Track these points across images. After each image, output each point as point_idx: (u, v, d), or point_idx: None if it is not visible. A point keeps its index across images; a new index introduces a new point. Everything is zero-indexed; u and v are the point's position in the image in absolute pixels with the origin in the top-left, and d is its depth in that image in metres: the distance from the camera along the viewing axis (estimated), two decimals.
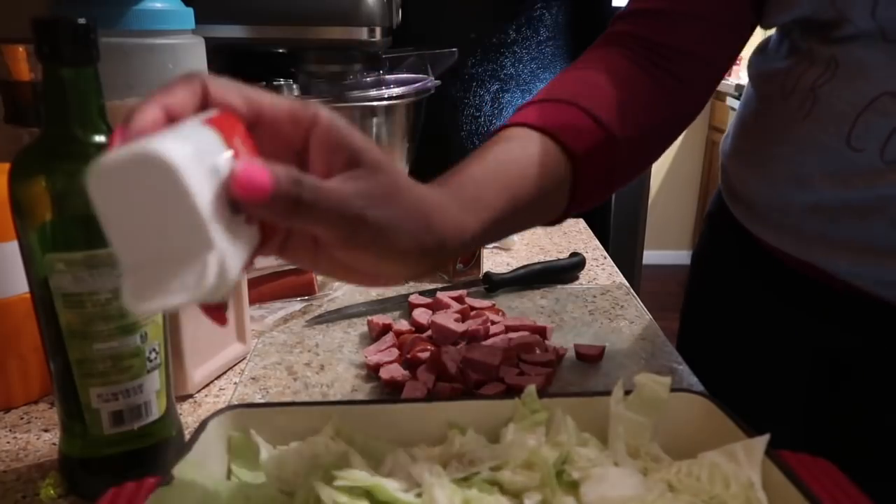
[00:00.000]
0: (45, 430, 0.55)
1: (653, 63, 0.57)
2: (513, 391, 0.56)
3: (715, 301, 0.75)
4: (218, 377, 0.64)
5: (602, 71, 0.55)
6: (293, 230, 0.37)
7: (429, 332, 0.69)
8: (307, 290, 0.80)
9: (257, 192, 0.30)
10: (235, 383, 0.63)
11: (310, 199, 0.32)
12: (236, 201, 0.31)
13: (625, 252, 1.42)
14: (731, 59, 0.60)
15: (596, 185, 0.53)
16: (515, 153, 0.48)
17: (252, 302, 0.71)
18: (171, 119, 0.32)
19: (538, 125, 0.50)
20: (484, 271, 0.85)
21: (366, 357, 0.65)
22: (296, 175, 0.32)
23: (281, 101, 0.35)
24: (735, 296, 0.71)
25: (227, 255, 0.30)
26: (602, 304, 0.81)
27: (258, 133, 0.34)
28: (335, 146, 0.35)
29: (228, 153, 0.31)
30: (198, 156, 0.29)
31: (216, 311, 0.36)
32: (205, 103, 0.33)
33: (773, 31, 0.65)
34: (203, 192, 0.29)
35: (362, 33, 0.85)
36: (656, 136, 0.59)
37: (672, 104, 0.58)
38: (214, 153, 0.30)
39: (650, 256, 2.23)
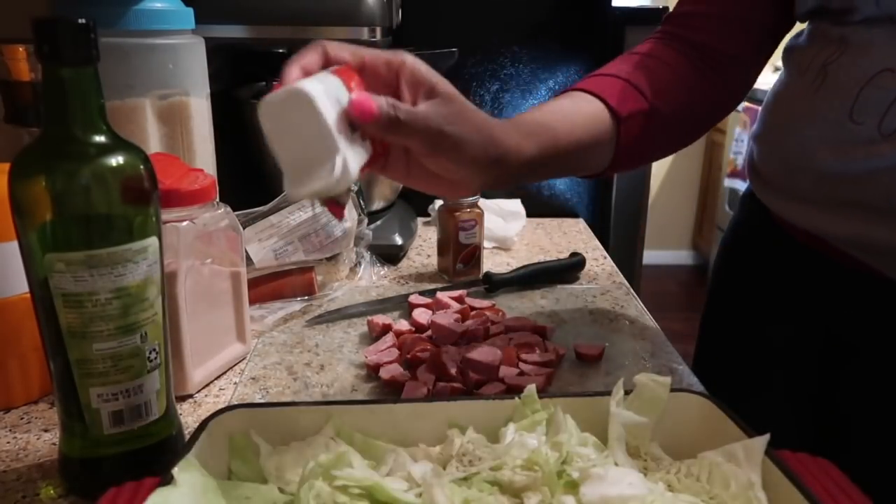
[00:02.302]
0: (45, 430, 0.55)
1: (696, 58, 0.65)
2: (513, 391, 0.56)
3: (739, 281, 0.77)
4: (218, 377, 0.64)
5: (652, 56, 0.65)
6: (392, 149, 0.49)
7: (429, 332, 0.69)
8: (307, 290, 0.80)
9: (366, 113, 0.44)
10: (235, 383, 0.63)
11: (403, 118, 0.45)
12: (354, 121, 0.44)
13: (625, 252, 1.42)
14: (763, 58, 0.67)
15: (635, 147, 0.62)
16: (568, 107, 0.60)
17: (252, 302, 0.71)
18: (306, 73, 0.45)
19: (589, 89, 0.61)
20: (484, 271, 0.85)
21: (366, 357, 0.65)
22: (392, 101, 0.45)
23: (378, 52, 0.48)
24: (757, 275, 0.73)
25: (348, 157, 0.43)
26: (602, 304, 0.81)
27: (365, 77, 0.47)
28: (418, 82, 0.47)
29: (345, 90, 0.45)
30: (326, 91, 0.43)
31: (335, 206, 0.49)
32: (327, 62, 0.47)
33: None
34: (330, 114, 0.43)
35: (362, 33, 0.85)
36: (694, 117, 0.67)
37: (711, 93, 0.66)
38: (338, 90, 0.44)
39: (650, 256, 2.22)
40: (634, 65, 0.64)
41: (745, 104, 2.80)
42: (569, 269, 0.88)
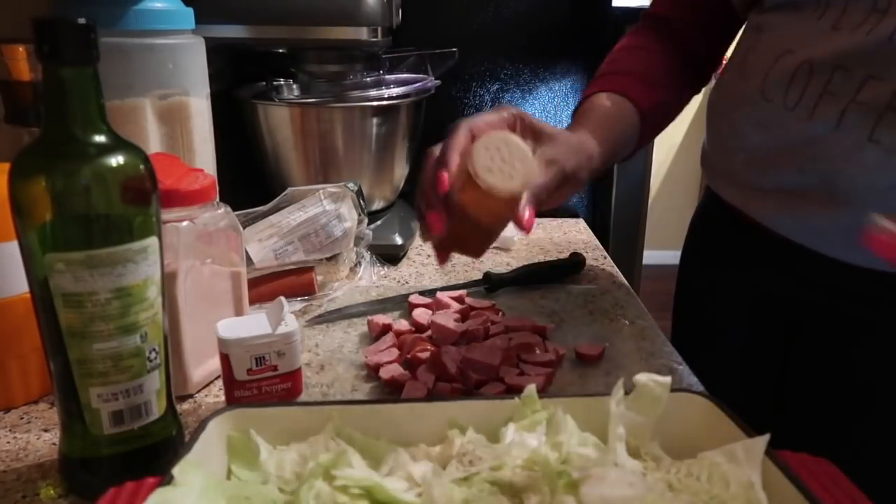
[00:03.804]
0: (45, 430, 0.55)
1: (672, 48, 0.76)
2: (513, 391, 0.56)
3: (705, 264, 0.83)
4: (218, 377, 0.64)
5: (646, 49, 0.76)
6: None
7: (429, 332, 0.69)
8: (307, 290, 0.80)
9: (528, 226, 0.53)
10: None
11: (535, 199, 0.54)
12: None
13: (625, 252, 1.42)
14: (721, 53, 0.79)
15: (651, 133, 0.74)
16: (612, 109, 0.70)
17: (252, 302, 0.71)
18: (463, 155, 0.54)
19: (621, 91, 0.71)
20: (484, 271, 0.85)
21: (366, 357, 0.65)
22: (530, 201, 0.53)
23: (494, 118, 0.56)
24: (720, 258, 0.79)
25: None
26: (602, 304, 0.81)
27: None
28: (527, 128, 0.58)
29: None
30: None
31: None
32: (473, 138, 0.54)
33: None
34: None
35: (362, 33, 0.85)
36: (677, 103, 0.78)
37: (686, 82, 0.78)
38: None
39: (650, 256, 2.22)
40: (639, 61, 0.75)
41: None
42: (569, 269, 0.88)
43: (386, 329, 0.71)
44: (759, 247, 0.70)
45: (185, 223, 0.56)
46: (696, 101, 0.83)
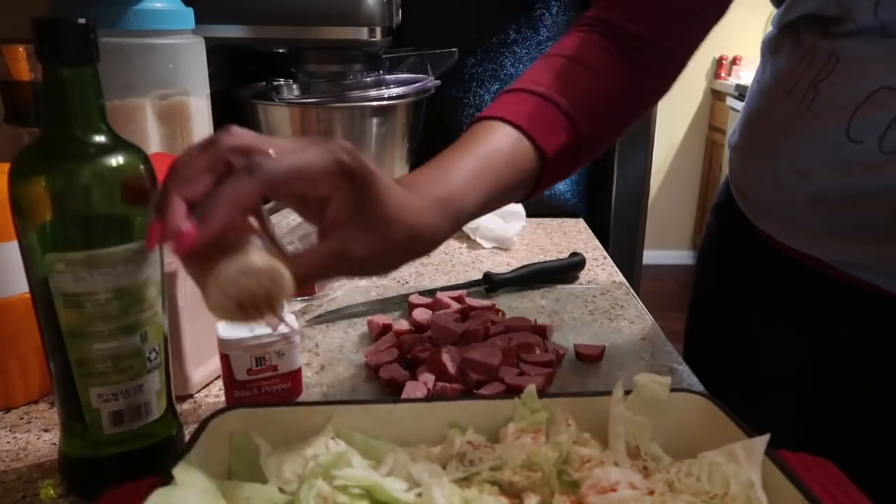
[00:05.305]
0: (45, 430, 0.55)
1: (623, 51, 0.56)
2: (513, 391, 0.56)
3: (722, 292, 0.77)
4: (218, 377, 0.64)
5: (581, 63, 0.56)
6: None
7: (429, 332, 0.69)
8: (307, 290, 0.80)
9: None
10: None
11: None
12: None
13: (625, 252, 1.42)
14: (691, 52, 0.59)
15: (558, 177, 0.56)
16: (494, 153, 0.50)
17: None
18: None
19: (517, 123, 0.52)
20: (484, 271, 0.85)
21: (366, 357, 0.65)
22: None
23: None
24: (742, 287, 0.73)
25: None
26: (602, 304, 0.81)
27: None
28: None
29: None
30: None
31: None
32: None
33: (771, 33, 0.67)
34: None
35: (362, 33, 0.86)
36: (617, 129, 0.60)
37: (637, 96, 0.59)
38: None
39: (650, 256, 2.22)
40: (562, 78, 0.55)
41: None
42: (569, 269, 0.88)
43: (386, 329, 0.71)
44: (822, 291, 0.63)
45: None
46: (696, 100, 0.80)
